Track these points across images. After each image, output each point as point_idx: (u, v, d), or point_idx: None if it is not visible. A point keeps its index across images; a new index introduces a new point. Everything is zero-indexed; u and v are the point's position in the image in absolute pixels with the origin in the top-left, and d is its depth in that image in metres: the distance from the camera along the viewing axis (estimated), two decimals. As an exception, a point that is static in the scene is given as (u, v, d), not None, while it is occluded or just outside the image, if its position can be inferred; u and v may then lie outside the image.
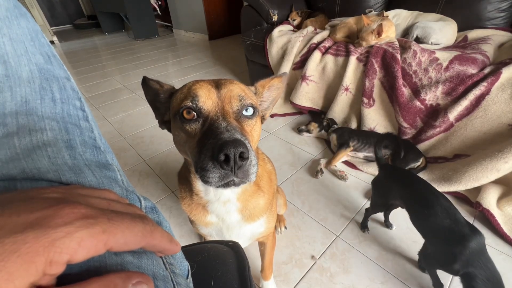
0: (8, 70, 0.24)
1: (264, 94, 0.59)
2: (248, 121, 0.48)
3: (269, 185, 0.65)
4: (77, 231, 0.15)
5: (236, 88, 0.48)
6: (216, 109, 0.45)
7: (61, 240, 0.15)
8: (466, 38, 1.59)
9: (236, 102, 0.47)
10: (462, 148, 1.30)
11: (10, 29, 0.25)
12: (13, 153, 0.22)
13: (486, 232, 1.09)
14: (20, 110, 0.24)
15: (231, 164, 0.37)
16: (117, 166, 0.31)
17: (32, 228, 0.14)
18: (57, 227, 0.15)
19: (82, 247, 0.15)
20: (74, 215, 0.16)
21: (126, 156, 1.65)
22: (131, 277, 0.18)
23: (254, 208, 0.62)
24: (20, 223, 0.15)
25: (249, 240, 0.72)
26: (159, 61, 3.41)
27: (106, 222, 0.17)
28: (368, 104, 1.54)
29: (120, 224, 0.17)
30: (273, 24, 2.13)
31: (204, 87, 0.46)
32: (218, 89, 0.47)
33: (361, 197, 1.29)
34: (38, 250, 0.14)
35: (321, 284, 0.95)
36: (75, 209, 0.16)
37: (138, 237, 0.19)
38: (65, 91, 0.28)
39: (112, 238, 0.17)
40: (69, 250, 0.15)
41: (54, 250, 0.14)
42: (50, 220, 0.15)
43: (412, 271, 0.97)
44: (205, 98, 0.45)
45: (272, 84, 0.59)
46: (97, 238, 0.16)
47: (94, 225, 0.16)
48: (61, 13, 5.87)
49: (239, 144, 0.37)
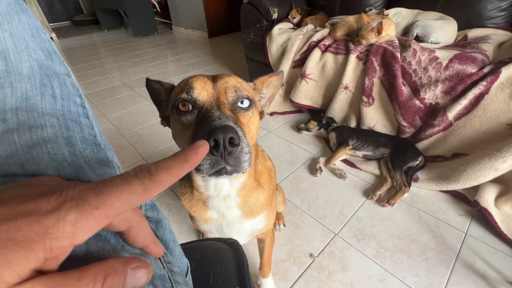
0: (8, 65, 0.24)
1: (263, 90, 0.60)
2: (244, 112, 0.48)
3: (269, 181, 0.66)
4: (66, 215, 0.15)
5: (231, 80, 0.48)
6: (211, 100, 0.45)
7: (54, 227, 0.14)
8: (466, 37, 1.59)
9: (231, 93, 0.47)
10: (461, 147, 1.30)
11: (11, 25, 0.25)
12: (13, 150, 0.22)
13: (483, 231, 1.10)
14: (21, 106, 0.24)
15: (221, 149, 0.37)
16: (117, 163, 0.31)
17: (25, 216, 0.14)
18: (47, 214, 0.15)
19: (78, 228, 0.15)
20: (61, 199, 0.16)
21: (125, 153, 1.65)
22: (130, 262, 0.18)
23: (254, 203, 0.62)
24: (13, 211, 0.15)
25: (248, 237, 0.72)
26: (158, 58, 3.40)
27: (95, 197, 0.16)
28: (367, 102, 1.54)
29: (112, 192, 0.17)
30: (273, 21, 2.12)
31: (200, 80, 0.47)
32: (214, 82, 0.47)
33: (360, 196, 1.29)
34: (33, 238, 0.14)
35: (319, 281, 0.96)
36: (62, 193, 0.16)
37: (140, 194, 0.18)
38: (65, 87, 0.28)
39: (109, 208, 0.16)
40: (66, 234, 0.15)
41: (50, 237, 0.14)
42: (41, 207, 0.15)
43: (410, 269, 0.98)
44: (200, 90, 0.46)
45: (270, 81, 0.60)
46: (92, 215, 0.16)
47: (82, 205, 0.16)
48: (59, 9, 5.83)
49: (229, 129, 0.36)
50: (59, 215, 0.15)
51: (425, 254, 1.02)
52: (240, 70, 2.89)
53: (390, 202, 1.20)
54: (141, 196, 0.18)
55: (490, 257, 1.00)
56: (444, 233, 1.10)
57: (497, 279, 0.93)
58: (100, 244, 0.22)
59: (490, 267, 0.97)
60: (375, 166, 1.43)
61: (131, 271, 0.18)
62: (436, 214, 1.18)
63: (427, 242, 1.07)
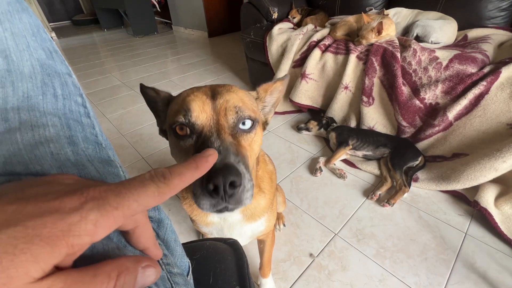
0: (10, 65, 0.24)
1: (267, 98, 0.57)
2: (247, 135, 0.44)
3: (270, 185, 0.65)
4: (89, 214, 0.16)
5: (233, 98, 0.44)
6: (210, 123, 0.42)
7: (77, 225, 0.15)
8: (466, 37, 1.59)
9: (231, 115, 0.43)
10: (460, 147, 1.31)
11: (12, 24, 0.25)
12: (16, 149, 0.22)
13: (483, 231, 1.10)
14: (22, 105, 0.24)
15: (221, 193, 0.35)
16: (118, 162, 0.31)
17: (50, 213, 0.15)
18: (71, 212, 0.15)
19: (98, 227, 0.16)
20: (83, 198, 0.16)
21: (125, 153, 1.65)
22: (141, 261, 0.19)
23: (255, 208, 0.62)
24: (39, 208, 0.15)
25: (249, 239, 0.72)
26: (158, 58, 3.40)
27: (114, 198, 0.17)
28: (367, 102, 1.54)
29: (130, 194, 0.18)
30: (273, 21, 2.12)
31: (198, 99, 0.43)
32: (214, 100, 0.43)
33: (360, 196, 1.29)
34: (58, 235, 0.15)
35: (319, 281, 0.96)
36: (84, 193, 0.17)
37: (156, 197, 0.19)
38: (66, 87, 0.28)
39: (127, 209, 0.17)
40: (87, 232, 0.15)
41: (73, 234, 0.15)
42: (65, 205, 0.16)
43: (409, 269, 0.98)
44: (198, 112, 0.42)
45: (274, 87, 0.57)
46: (111, 215, 0.17)
47: (103, 205, 0.16)
48: (59, 9, 5.83)
49: (230, 171, 0.34)
50: (81, 214, 0.16)
51: (425, 254, 1.02)
52: (240, 69, 2.89)
53: (390, 202, 1.20)
54: (156, 199, 0.19)
55: (490, 257, 1.00)
56: (444, 233, 1.10)
57: (497, 279, 0.93)
58: (105, 241, 0.23)
59: (490, 267, 0.97)
60: (375, 166, 1.43)
61: (142, 269, 0.19)
62: (436, 214, 1.18)
63: (427, 242, 1.07)
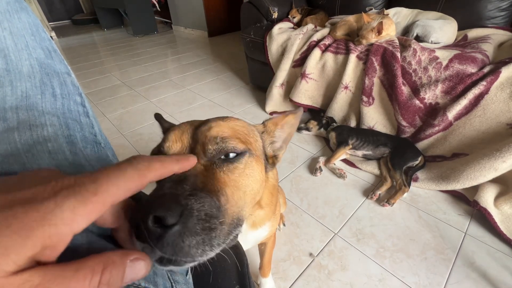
0: (8, 64, 0.24)
1: (276, 133, 0.50)
2: (229, 165, 0.34)
3: (269, 200, 0.61)
4: (64, 202, 0.15)
5: (218, 126, 0.37)
6: (183, 152, 0.35)
7: (51, 213, 0.14)
8: (466, 37, 1.59)
9: (210, 145, 0.34)
10: (460, 147, 1.31)
11: (11, 23, 0.25)
12: (14, 148, 0.22)
13: (483, 230, 1.10)
14: (21, 104, 0.24)
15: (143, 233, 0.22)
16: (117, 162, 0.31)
17: (21, 204, 0.14)
18: (44, 201, 0.15)
19: (78, 214, 0.15)
20: (58, 187, 0.16)
21: (124, 153, 1.65)
22: (129, 254, 0.18)
23: (255, 217, 0.61)
24: (9, 200, 0.15)
25: (252, 244, 0.72)
26: (158, 58, 3.39)
27: (92, 183, 0.16)
28: (367, 102, 1.54)
29: (107, 180, 0.17)
30: (273, 21, 2.12)
31: (179, 129, 0.38)
32: (197, 129, 0.37)
33: (360, 196, 1.29)
34: (32, 225, 0.14)
35: (319, 281, 0.96)
36: (58, 181, 0.16)
37: (136, 180, 0.18)
38: (65, 86, 0.28)
39: (107, 195, 0.17)
40: (65, 220, 0.15)
41: (48, 223, 0.14)
42: (37, 195, 0.15)
43: (409, 269, 0.98)
44: (172, 142, 0.36)
45: (286, 121, 0.50)
46: (89, 201, 0.16)
47: (80, 191, 0.16)
48: (59, 8, 5.82)
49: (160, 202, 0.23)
50: (56, 201, 0.15)
51: (424, 254, 1.02)
52: (240, 69, 2.89)
53: (390, 201, 1.20)
54: (136, 181, 0.19)
55: (490, 257, 1.01)
56: (444, 232, 1.10)
57: (497, 278, 0.93)
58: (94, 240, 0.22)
59: (490, 266, 0.97)
60: (374, 165, 1.43)
61: (130, 263, 0.18)
62: (436, 214, 1.18)
63: (427, 241, 1.07)
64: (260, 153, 0.42)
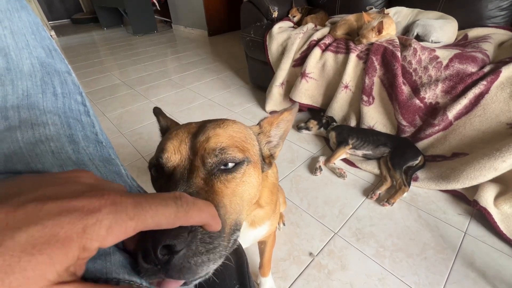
0: (9, 63, 0.24)
1: (272, 132, 0.50)
2: (227, 176, 0.35)
3: (269, 198, 0.61)
4: (104, 219, 0.15)
5: (216, 136, 0.37)
6: (183, 164, 0.35)
7: (91, 228, 0.15)
8: (466, 37, 1.59)
9: (209, 158, 0.35)
10: (460, 146, 1.31)
11: (11, 22, 0.25)
12: (16, 147, 0.22)
13: (483, 230, 1.10)
14: (22, 104, 0.24)
15: (151, 259, 0.24)
16: (119, 161, 0.31)
17: (68, 213, 0.15)
18: (89, 213, 0.15)
19: (110, 234, 0.15)
20: (104, 201, 0.16)
21: (124, 152, 1.65)
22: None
23: (255, 216, 0.61)
24: (58, 207, 0.15)
25: (252, 242, 0.72)
26: (158, 57, 3.39)
27: (133, 208, 0.17)
28: (367, 102, 1.54)
29: (149, 209, 0.17)
30: (273, 20, 2.11)
31: (177, 138, 0.38)
32: (195, 138, 0.37)
33: (360, 195, 1.30)
34: (73, 236, 0.14)
35: (319, 280, 0.96)
36: (105, 195, 0.16)
37: (171, 219, 0.19)
38: (66, 85, 0.28)
39: (141, 223, 0.17)
40: (99, 237, 0.15)
41: (86, 237, 0.15)
42: (84, 206, 0.15)
43: (409, 268, 0.98)
44: (171, 154, 0.36)
45: (281, 119, 0.50)
46: (125, 225, 0.16)
47: (121, 212, 0.16)
48: (59, 7, 5.81)
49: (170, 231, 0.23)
50: (98, 217, 0.15)
51: (424, 253, 1.02)
52: (240, 68, 2.88)
53: (390, 201, 1.20)
54: (170, 221, 0.19)
55: (489, 257, 1.01)
56: (444, 232, 1.10)
57: (496, 278, 0.94)
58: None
59: (489, 266, 0.97)
60: (374, 165, 1.43)
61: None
62: (436, 214, 1.18)
63: (427, 241, 1.07)
64: (257, 158, 0.43)
